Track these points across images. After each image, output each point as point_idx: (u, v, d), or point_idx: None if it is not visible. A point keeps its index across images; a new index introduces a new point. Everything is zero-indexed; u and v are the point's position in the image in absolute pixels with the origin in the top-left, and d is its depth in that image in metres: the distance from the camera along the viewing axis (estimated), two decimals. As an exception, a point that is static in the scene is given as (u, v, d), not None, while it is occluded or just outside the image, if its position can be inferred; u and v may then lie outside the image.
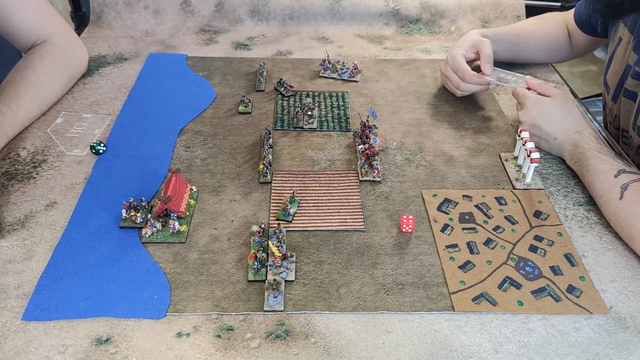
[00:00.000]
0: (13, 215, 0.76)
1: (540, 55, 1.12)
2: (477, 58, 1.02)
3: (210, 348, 0.60)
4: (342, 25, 1.30)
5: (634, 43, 0.88)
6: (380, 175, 0.84)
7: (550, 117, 0.86)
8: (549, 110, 0.87)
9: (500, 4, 1.30)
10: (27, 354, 0.59)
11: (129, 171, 0.84)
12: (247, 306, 0.65)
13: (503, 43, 1.06)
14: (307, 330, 0.62)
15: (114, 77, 1.08)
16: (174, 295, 0.66)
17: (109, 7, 1.27)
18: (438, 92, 1.07)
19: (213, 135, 0.93)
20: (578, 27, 1.05)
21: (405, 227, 0.75)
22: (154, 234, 0.73)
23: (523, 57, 1.11)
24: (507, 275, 0.69)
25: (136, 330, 0.62)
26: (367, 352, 0.60)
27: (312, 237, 0.74)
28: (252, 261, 0.68)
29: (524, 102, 0.89)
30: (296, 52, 1.20)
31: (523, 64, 1.13)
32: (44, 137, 0.91)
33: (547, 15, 1.12)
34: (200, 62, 1.14)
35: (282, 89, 1.04)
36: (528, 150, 0.83)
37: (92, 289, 0.66)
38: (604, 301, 0.66)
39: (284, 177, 0.84)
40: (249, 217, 0.77)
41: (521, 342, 0.61)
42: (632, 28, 0.89)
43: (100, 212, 0.76)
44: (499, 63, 1.02)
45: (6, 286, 0.66)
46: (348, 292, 0.67)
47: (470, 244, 0.73)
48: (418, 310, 0.65)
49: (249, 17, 1.29)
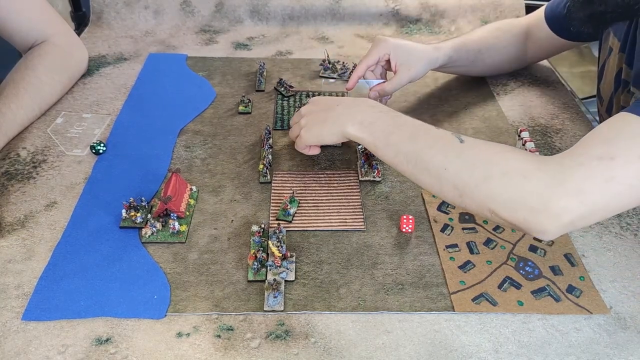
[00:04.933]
0: (13, 215, 0.76)
1: (493, 68, 1.07)
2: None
3: (210, 348, 0.60)
4: (342, 25, 1.30)
5: (626, 56, 0.84)
6: (380, 175, 0.84)
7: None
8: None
9: (500, 4, 1.30)
10: (27, 354, 0.59)
11: (129, 171, 0.84)
12: (247, 306, 0.65)
13: (463, 61, 1.00)
14: (307, 330, 0.62)
15: (114, 77, 1.08)
16: (174, 295, 0.66)
17: (109, 7, 1.26)
18: (438, 92, 1.07)
19: (213, 135, 0.93)
20: (551, 29, 0.99)
21: (405, 227, 0.75)
22: (154, 234, 0.73)
23: (476, 71, 1.07)
24: (507, 275, 0.69)
25: (136, 330, 0.62)
26: (367, 352, 0.60)
27: (312, 237, 0.74)
28: (252, 261, 0.68)
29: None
30: (296, 52, 1.20)
31: (474, 76, 1.09)
32: (44, 137, 0.91)
33: (505, 25, 1.05)
34: (200, 62, 1.14)
35: (282, 89, 1.04)
36: (528, 150, 0.83)
37: (92, 289, 0.66)
38: (603, 301, 0.66)
39: (284, 177, 0.84)
40: (249, 217, 0.77)
41: (521, 342, 0.61)
42: (620, 37, 0.86)
43: (100, 212, 0.76)
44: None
45: (6, 286, 0.66)
46: (348, 292, 0.67)
47: (470, 244, 0.73)
48: (418, 310, 0.65)
49: (249, 17, 1.29)
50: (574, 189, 0.58)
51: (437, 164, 0.65)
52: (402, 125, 0.71)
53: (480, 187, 0.62)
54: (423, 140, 0.68)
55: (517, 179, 0.60)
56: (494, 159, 0.63)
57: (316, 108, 0.80)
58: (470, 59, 1.01)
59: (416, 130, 0.70)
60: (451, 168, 0.64)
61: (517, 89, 1.07)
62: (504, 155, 0.63)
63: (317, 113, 0.79)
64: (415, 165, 0.67)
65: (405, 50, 0.92)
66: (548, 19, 1.00)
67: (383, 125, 0.72)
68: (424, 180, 0.67)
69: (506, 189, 0.60)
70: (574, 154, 0.61)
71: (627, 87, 0.85)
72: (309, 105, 0.82)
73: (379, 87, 0.92)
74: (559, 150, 0.90)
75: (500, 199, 0.60)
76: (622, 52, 0.85)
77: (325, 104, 0.80)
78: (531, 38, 1.04)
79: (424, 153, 0.67)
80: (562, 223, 0.58)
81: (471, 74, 1.08)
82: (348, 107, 0.76)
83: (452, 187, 0.64)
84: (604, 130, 0.63)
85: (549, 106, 1.02)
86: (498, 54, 1.04)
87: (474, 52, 1.00)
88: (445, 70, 1.04)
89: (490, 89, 1.07)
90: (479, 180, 0.62)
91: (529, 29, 1.04)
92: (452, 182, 0.64)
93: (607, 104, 0.92)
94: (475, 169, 0.62)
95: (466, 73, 1.07)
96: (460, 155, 0.64)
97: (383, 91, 0.92)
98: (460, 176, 0.63)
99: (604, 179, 0.57)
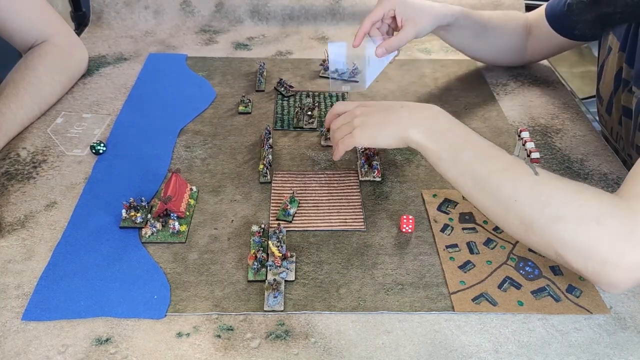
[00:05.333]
0: (13, 215, 0.76)
1: (494, 54, 1.06)
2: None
3: (210, 348, 0.60)
4: (342, 25, 1.30)
5: (626, 54, 0.84)
6: (380, 175, 0.84)
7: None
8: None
9: (500, 4, 1.30)
10: (27, 354, 0.59)
11: (129, 171, 0.84)
12: (247, 306, 0.65)
13: (467, 30, 0.98)
14: (307, 330, 0.62)
15: (114, 77, 1.08)
16: (174, 295, 0.66)
17: (109, 7, 1.27)
18: (438, 92, 1.07)
19: (213, 135, 0.93)
20: (551, 26, 0.99)
21: (405, 227, 0.75)
22: (154, 234, 0.73)
23: (476, 48, 1.05)
24: (507, 275, 0.69)
25: (136, 330, 0.62)
26: (367, 352, 0.60)
27: (312, 237, 0.74)
28: (252, 261, 0.68)
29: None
30: (296, 52, 1.20)
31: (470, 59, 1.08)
32: (44, 137, 0.91)
33: (513, 14, 1.05)
34: (200, 62, 1.14)
35: (282, 89, 1.04)
36: (528, 150, 0.82)
37: (92, 288, 0.66)
38: (604, 301, 0.66)
39: (284, 177, 0.84)
40: (249, 217, 0.77)
41: (521, 342, 0.61)
42: (620, 36, 0.86)
43: (100, 212, 0.76)
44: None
45: (6, 286, 0.66)
46: (348, 292, 0.67)
47: (470, 244, 0.73)
48: (418, 310, 0.65)
49: (249, 17, 1.29)
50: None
51: (506, 193, 0.61)
52: (474, 142, 0.67)
53: (550, 227, 0.58)
54: (495, 164, 0.64)
55: (591, 224, 0.56)
56: (568, 199, 0.59)
57: (373, 109, 0.74)
58: (475, 31, 0.99)
59: (489, 151, 0.65)
60: (522, 200, 0.60)
61: (517, 89, 1.07)
62: (579, 196, 0.59)
63: (375, 113, 0.74)
64: (482, 190, 0.63)
65: (410, 5, 0.90)
66: (548, 16, 0.99)
67: (454, 138, 0.67)
68: (488, 207, 0.64)
69: (578, 235, 0.57)
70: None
71: (627, 87, 0.85)
72: (363, 107, 0.75)
73: (386, 42, 0.89)
74: (559, 151, 0.90)
75: (570, 244, 0.57)
76: (622, 51, 0.85)
77: (385, 105, 0.74)
78: (532, 35, 1.04)
79: (493, 178, 0.63)
80: (633, 277, 0.56)
81: (470, 50, 1.06)
82: (414, 110, 0.72)
83: (519, 220, 0.60)
84: None
85: (549, 106, 1.02)
86: (501, 37, 1.03)
87: (479, 26, 0.99)
88: (447, 37, 1.01)
89: (490, 89, 1.07)
90: (550, 218, 0.58)
91: (531, 26, 1.04)
92: (519, 216, 0.60)
93: (607, 104, 0.92)
94: (547, 207, 0.59)
95: (466, 48, 1.05)
96: (534, 188, 0.60)
97: (390, 46, 0.89)
98: (530, 211, 0.59)
99: None
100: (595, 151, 0.90)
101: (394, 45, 0.89)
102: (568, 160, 0.88)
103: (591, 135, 0.94)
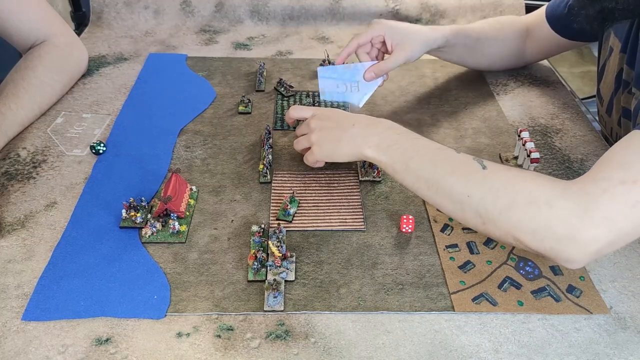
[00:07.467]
0: (13, 215, 0.76)
1: (493, 62, 1.06)
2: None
3: (210, 348, 0.60)
4: (342, 25, 1.30)
5: (627, 56, 0.84)
6: (380, 175, 0.84)
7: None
8: None
9: (500, 4, 1.30)
10: (27, 354, 0.59)
11: (129, 171, 0.84)
12: (247, 306, 0.65)
13: (460, 47, 0.99)
14: (307, 330, 0.62)
15: (114, 77, 1.08)
16: (174, 295, 0.66)
17: (109, 7, 1.27)
18: (438, 92, 1.07)
19: (213, 135, 0.93)
20: (552, 27, 0.99)
21: (405, 227, 0.75)
22: (154, 234, 0.73)
23: (473, 61, 1.06)
24: (507, 275, 0.69)
25: (136, 330, 0.62)
26: (367, 352, 0.60)
27: (312, 237, 0.74)
28: (252, 261, 0.68)
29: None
30: (296, 52, 1.20)
31: (471, 69, 1.09)
32: (44, 137, 0.91)
33: (507, 20, 1.05)
34: (200, 62, 1.14)
35: (282, 89, 1.04)
36: (528, 150, 0.83)
37: (92, 288, 0.66)
38: (604, 301, 0.66)
39: (284, 177, 0.84)
40: (249, 217, 0.77)
41: (521, 342, 0.61)
42: (621, 37, 0.85)
43: (100, 212, 0.76)
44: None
45: (6, 286, 0.66)
46: (348, 292, 0.67)
47: (470, 244, 0.73)
48: (418, 310, 0.65)
49: (249, 17, 1.29)
50: (601, 216, 0.56)
51: (459, 191, 0.63)
52: (421, 149, 0.69)
53: (504, 216, 0.60)
54: (444, 166, 0.66)
55: (543, 207, 0.58)
56: (517, 186, 0.61)
57: (328, 124, 0.76)
58: (468, 46, 1.00)
59: (437, 155, 0.68)
60: (474, 195, 0.62)
61: (517, 89, 1.07)
62: (527, 183, 0.61)
63: (330, 130, 0.75)
64: (437, 192, 0.65)
65: (400, 31, 0.91)
66: (549, 17, 0.99)
67: (402, 149, 0.69)
68: (446, 206, 0.65)
69: (531, 218, 0.58)
70: (596, 179, 0.59)
71: (627, 88, 0.85)
72: (317, 120, 0.77)
73: (375, 67, 0.90)
74: (558, 151, 0.90)
75: (525, 228, 0.59)
76: (623, 53, 0.85)
77: (338, 121, 0.76)
78: (531, 37, 1.04)
79: (445, 179, 0.65)
80: (590, 251, 0.57)
81: (468, 63, 1.07)
82: (365, 127, 0.73)
83: (475, 214, 0.62)
84: (620, 151, 0.61)
85: (549, 106, 1.02)
86: (497, 46, 1.03)
87: (472, 40, 0.99)
88: (443, 56, 1.02)
89: (490, 89, 1.07)
90: (502, 208, 0.60)
91: (529, 28, 1.04)
92: (474, 210, 0.62)
93: (607, 105, 0.92)
94: (498, 197, 0.61)
95: (463, 62, 1.06)
96: (483, 182, 0.62)
97: (379, 70, 0.90)
98: (483, 204, 0.61)
99: (630, 204, 0.56)
100: (595, 151, 0.90)
101: (383, 70, 0.91)
102: (568, 160, 0.88)
103: (591, 135, 0.95)
